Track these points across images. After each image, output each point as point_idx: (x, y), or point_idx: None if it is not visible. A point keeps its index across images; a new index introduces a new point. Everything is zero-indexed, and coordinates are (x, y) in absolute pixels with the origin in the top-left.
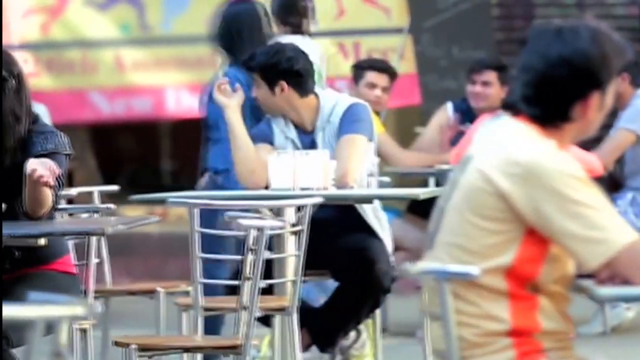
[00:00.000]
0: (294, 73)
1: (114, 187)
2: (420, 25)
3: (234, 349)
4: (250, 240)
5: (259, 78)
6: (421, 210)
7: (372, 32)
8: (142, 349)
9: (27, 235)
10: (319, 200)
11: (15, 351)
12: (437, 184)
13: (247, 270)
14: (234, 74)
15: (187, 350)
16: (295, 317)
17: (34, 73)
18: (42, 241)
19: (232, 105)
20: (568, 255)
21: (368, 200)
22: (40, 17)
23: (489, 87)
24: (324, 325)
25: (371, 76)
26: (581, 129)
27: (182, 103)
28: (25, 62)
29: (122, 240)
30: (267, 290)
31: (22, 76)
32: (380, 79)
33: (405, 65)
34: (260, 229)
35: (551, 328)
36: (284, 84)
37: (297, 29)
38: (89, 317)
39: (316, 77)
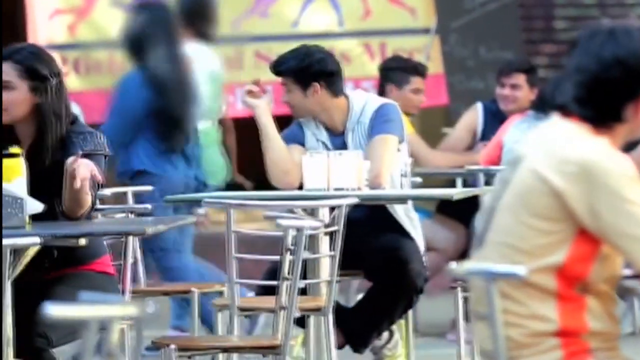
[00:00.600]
0: (327, 74)
1: (148, 188)
2: (447, 25)
3: (273, 349)
4: (289, 240)
5: (290, 82)
6: (450, 210)
7: (398, 32)
8: (182, 349)
9: (68, 236)
10: (354, 200)
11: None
12: (464, 185)
13: (285, 270)
14: (133, 78)
15: (226, 350)
16: (331, 318)
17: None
18: (82, 241)
19: (262, 106)
20: (619, 254)
21: (403, 200)
22: (67, 18)
23: (517, 90)
24: (358, 326)
25: (418, 82)
26: (632, 130)
27: None
28: None
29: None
30: (301, 291)
31: (62, 75)
32: (423, 83)
33: (432, 65)
34: (299, 229)
35: (598, 328)
36: (317, 85)
37: (202, 35)
38: (141, 317)
39: (215, 84)
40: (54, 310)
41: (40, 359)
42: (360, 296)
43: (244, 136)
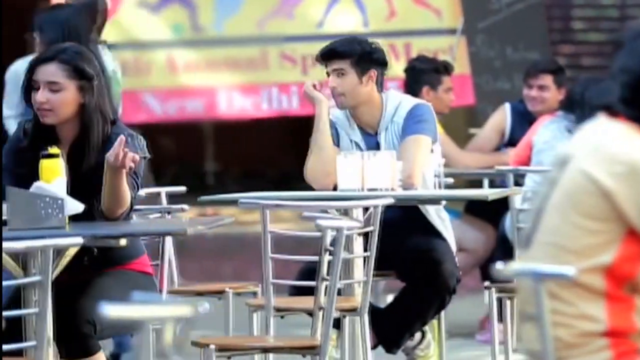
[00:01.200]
0: (383, 64)
1: (182, 188)
2: (474, 26)
3: (312, 349)
4: (327, 241)
5: (348, 66)
6: (479, 211)
7: (423, 33)
8: (221, 349)
9: (109, 236)
10: (389, 201)
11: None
12: (491, 185)
13: (324, 270)
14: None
15: (265, 350)
16: (366, 318)
17: None
18: (123, 241)
19: (325, 101)
20: None
21: (436, 201)
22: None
23: (545, 91)
24: (391, 326)
25: (448, 81)
26: None
27: (234, 104)
28: None
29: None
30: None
31: (106, 75)
32: (451, 82)
33: (459, 66)
34: (338, 230)
35: None
36: (374, 72)
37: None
38: (196, 317)
39: (115, 85)
40: (111, 310)
41: (85, 345)
42: (389, 297)
43: (271, 136)
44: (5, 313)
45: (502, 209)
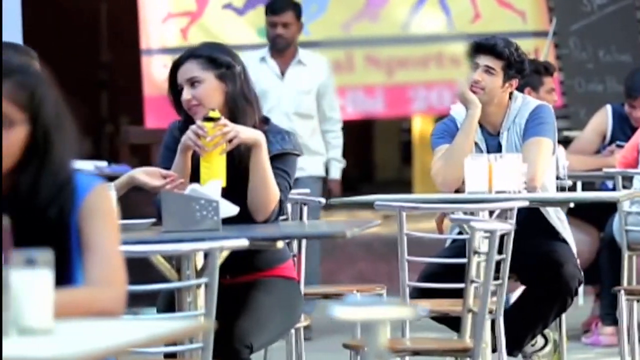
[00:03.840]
0: (525, 76)
1: (305, 190)
2: (566, 28)
3: (465, 352)
4: (476, 243)
5: (499, 67)
6: (584, 214)
7: (508, 35)
8: None
9: (268, 238)
10: (524, 203)
11: None
12: (583, 188)
13: (473, 272)
14: None
15: (416, 353)
16: (502, 321)
17: None
18: (280, 244)
19: (479, 105)
20: None
21: (566, 203)
22: (179, 22)
23: None
24: (512, 328)
25: (550, 81)
26: None
27: None
28: (164, 66)
29: None
30: (457, 293)
31: (246, 68)
32: (553, 82)
33: None
34: (492, 232)
35: None
36: (515, 82)
37: None
38: (415, 319)
39: None
40: (339, 311)
41: None
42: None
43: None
44: (175, 314)
45: (606, 211)
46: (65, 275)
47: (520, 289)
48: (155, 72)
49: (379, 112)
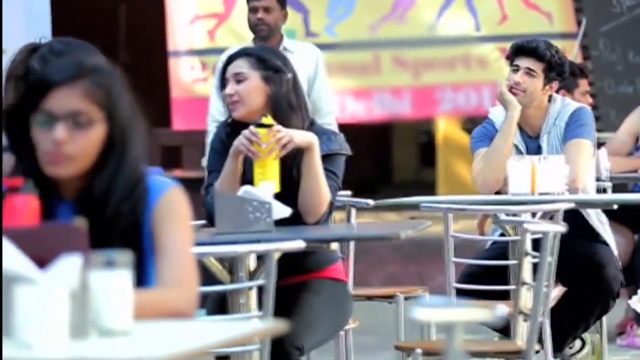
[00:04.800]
0: (564, 79)
1: (347, 192)
2: (596, 30)
3: (517, 354)
4: (527, 244)
5: (540, 69)
6: (619, 216)
7: (535, 37)
8: (426, 353)
9: (322, 240)
10: (570, 205)
11: None
12: (615, 189)
13: (524, 274)
14: None
15: (471, 354)
16: (547, 323)
17: (202, 79)
18: (334, 246)
19: (518, 107)
20: None
21: (609, 204)
22: (207, 23)
23: None
24: (554, 330)
25: (584, 83)
26: None
27: (347, 109)
28: (192, 68)
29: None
30: (503, 295)
31: (296, 74)
32: (587, 85)
33: None
34: (544, 233)
35: None
36: (555, 85)
37: None
38: (494, 321)
39: None
40: (419, 313)
41: None
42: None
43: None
44: (230, 316)
45: None
46: (138, 277)
47: (557, 290)
48: (182, 74)
49: (406, 114)
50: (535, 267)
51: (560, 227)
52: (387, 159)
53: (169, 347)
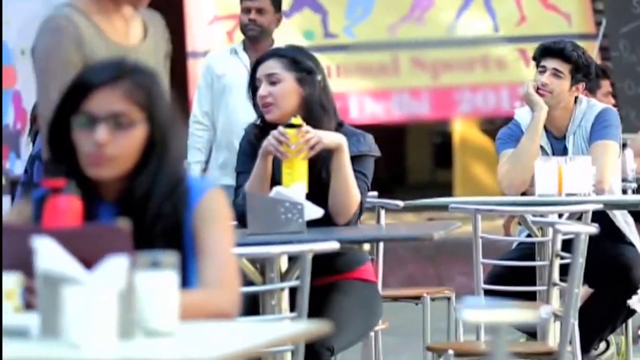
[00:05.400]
0: (591, 80)
1: (374, 193)
2: (616, 31)
3: (549, 355)
4: (558, 245)
5: (567, 70)
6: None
7: (553, 38)
8: (458, 354)
9: (354, 240)
10: (599, 206)
11: None
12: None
13: (555, 275)
14: None
15: None
16: (576, 324)
17: None
18: (366, 246)
19: (545, 108)
20: None
21: (637, 206)
22: (226, 24)
23: None
24: (581, 332)
25: (607, 84)
26: None
27: (365, 110)
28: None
29: None
30: (529, 296)
31: (326, 78)
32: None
33: None
34: (577, 234)
35: None
36: (582, 86)
37: None
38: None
39: None
40: (467, 314)
41: None
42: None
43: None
44: (263, 317)
45: None
46: (180, 278)
47: (582, 291)
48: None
49: (425, 115)
50: (562, 268)
51: (592, 228)
52: (401, 160)
53: (216, 349)
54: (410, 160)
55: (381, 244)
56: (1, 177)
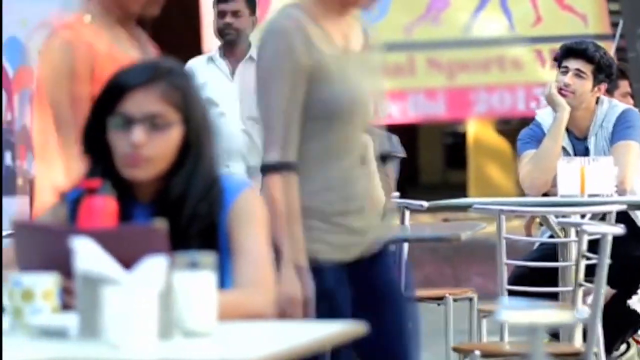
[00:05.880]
0: (612, 80)
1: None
2: (633, 32)
3: (576, 356)
4: (584, 246)
5: (590, 71)
6: None
7: (569, 39)
8: (484, 354)
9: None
10: (622, 206)
11: None
12: None
13: (581, 276)
14: None
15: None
16: (600, 325)
17: None
18: (394, 247)
19: (567, 109)
20: None
21: None
22: None
23: None
24: (603, 333)
25: (625, 85)
26: None
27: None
28: None
29: None
30: (553, 296)
31: None
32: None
33: None
34: (603, 235)
35: None
36: (604, 86)
37: None
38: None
39: None
40: (506, 315)
41: None
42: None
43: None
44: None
45: None
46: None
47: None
48: None
49: (440, 115)
50: (585, 269)
51: (619, 229)
52: (413, 160)
53: (254, 349)
54: (423, 161)
55: (405, 245)
56: (1, 177)
